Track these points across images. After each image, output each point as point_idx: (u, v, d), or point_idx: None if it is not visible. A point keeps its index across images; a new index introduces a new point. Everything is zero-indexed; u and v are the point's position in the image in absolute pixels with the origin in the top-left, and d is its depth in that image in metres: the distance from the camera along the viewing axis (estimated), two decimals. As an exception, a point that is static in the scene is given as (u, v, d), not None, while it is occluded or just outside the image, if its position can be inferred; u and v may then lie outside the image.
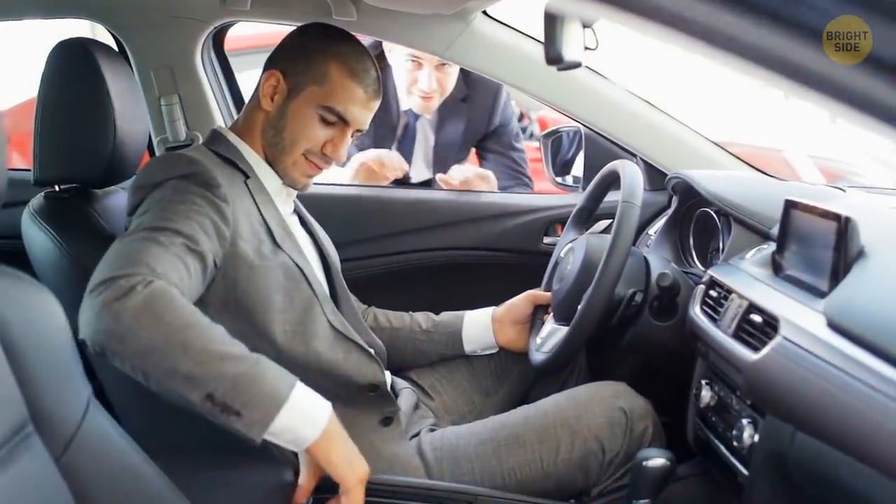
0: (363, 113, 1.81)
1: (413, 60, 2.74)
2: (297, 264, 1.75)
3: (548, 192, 2.79)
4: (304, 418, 1.41)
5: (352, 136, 1.82)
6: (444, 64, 2.73)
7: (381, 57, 2.79)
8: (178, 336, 1.36)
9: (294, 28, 1.90)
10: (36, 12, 2.46)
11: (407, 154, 2.91)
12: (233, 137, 1.83)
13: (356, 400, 1.77)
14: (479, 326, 2.10)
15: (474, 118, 2.95)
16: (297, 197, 1.96)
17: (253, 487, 1.50)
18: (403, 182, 2.81)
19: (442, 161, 2.93)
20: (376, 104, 1.84)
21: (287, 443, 1.42)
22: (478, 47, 2.34)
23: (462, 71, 2.82)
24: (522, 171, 3.01)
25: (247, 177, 1.77)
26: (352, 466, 1.46)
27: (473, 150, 3.08)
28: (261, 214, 1.74)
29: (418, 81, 2.76)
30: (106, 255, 1.46)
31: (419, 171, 2.97)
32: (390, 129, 2.92)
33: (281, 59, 1.82)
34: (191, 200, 1.58)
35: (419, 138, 2.94)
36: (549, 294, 2.08)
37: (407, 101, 2.84)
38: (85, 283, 1.62)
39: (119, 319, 1.34)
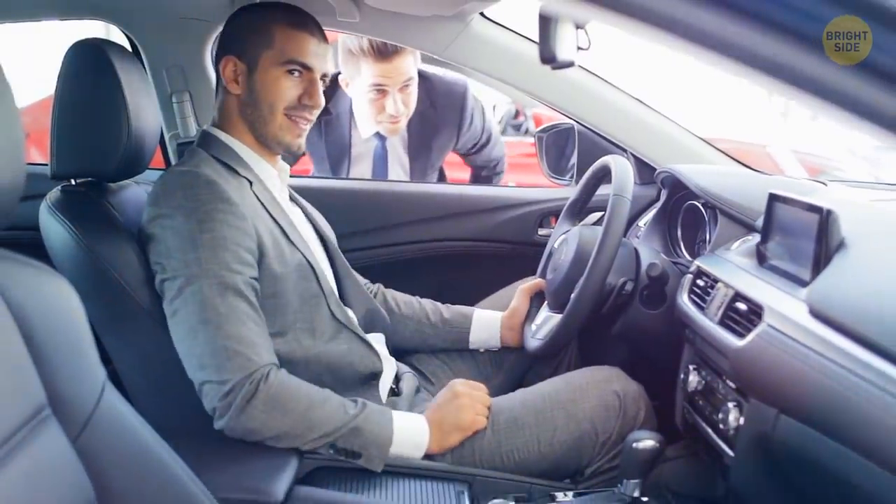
0: (319, 56, 1.80)
1: (377, 90, 2.64)
2: (308, 262, 1.75)
3: (542, 186, 2.79)
4: (410, 440, 1.68)
5: (322, 82, 1.81)
6: (406, 85, 2.66)
7: (335, 84, 2.72)
8: (304, 421, 1.59)
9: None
10: (52, 14, 2.45)
11: (382, 175, 2.88)
12: (224, 136, 1.82)
13: (358, 387, 1.78)
14: (487, 330, 2.12)
15: (443, 123, 2.88)
16: (302, 195, 1.98)
17: (263, 470, 1.50)
18: None
19: (420, 169, 2.89)
20: (327, 47, 1.82)
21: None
22: (475, 47, 2.35)
23: (423, 82, 2.78)
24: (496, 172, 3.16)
25: (251, 183, 1.76)
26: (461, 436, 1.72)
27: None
28: (273, 218, 1.74)
29: (386, 108, 2.67)
30: (195, 348, 1.58)
31: None
32: (346, 150, 2.86)
33: (229, 45, 1.81)
34: (221, 238, 1.60)
35: (392, 157, 2.90)
36: (543, 281, 2.09)
37: (375, 127, 2.76)
38: (100, 273, 1.62)
39: (252, 418, 1.56)
